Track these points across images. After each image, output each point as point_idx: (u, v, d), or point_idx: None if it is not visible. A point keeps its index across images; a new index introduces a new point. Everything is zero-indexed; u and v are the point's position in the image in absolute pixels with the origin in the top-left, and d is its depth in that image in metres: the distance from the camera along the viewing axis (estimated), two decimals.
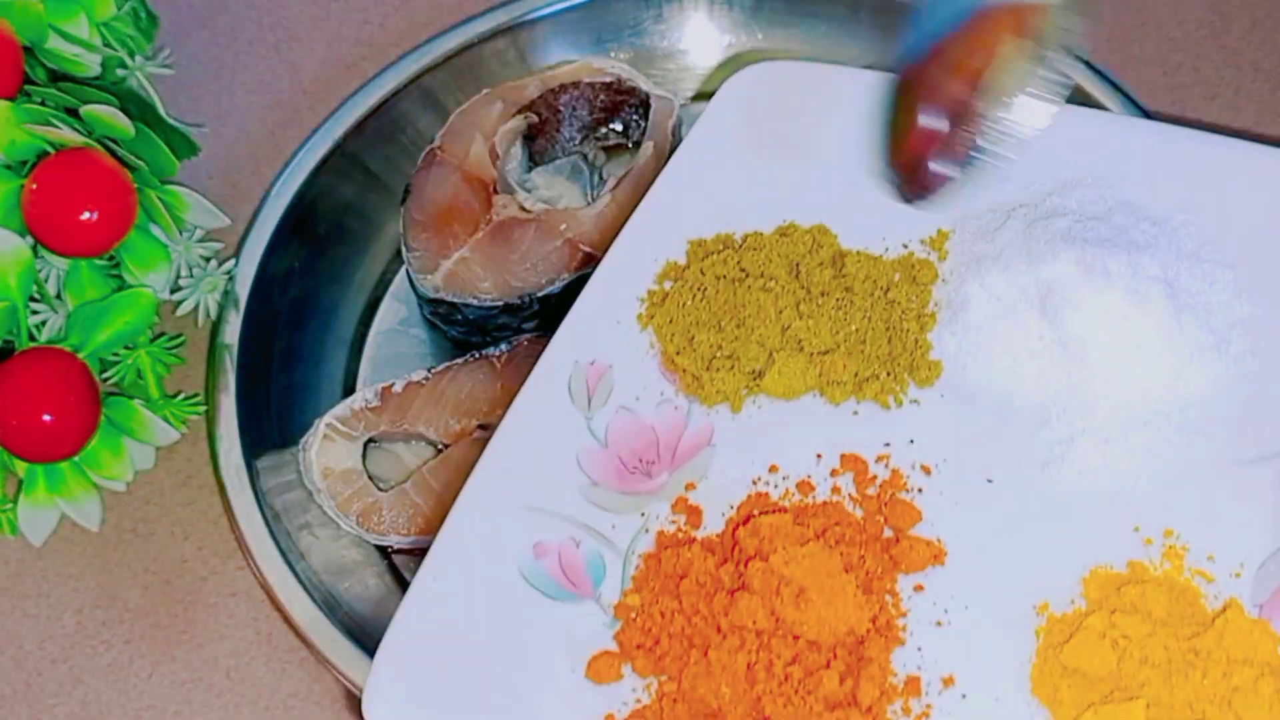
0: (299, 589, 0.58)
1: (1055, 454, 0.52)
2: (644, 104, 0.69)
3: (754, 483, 0.52)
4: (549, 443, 0.52)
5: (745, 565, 0.49)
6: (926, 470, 0.52)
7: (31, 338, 0.59)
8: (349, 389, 0.66)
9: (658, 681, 0.48)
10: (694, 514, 0.52)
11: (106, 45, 0.65)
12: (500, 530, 0.50)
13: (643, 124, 0.69)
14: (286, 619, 0.57)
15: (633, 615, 0.49)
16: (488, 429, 0.61)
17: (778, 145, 0.59)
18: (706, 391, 0.54)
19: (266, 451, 0.62)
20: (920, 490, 0.52)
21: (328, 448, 0.60)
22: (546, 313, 0.65)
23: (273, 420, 0.63)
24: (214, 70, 0.75)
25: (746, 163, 0.59)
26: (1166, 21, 0.74)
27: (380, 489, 0.60)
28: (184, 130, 0.66)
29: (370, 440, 0.62)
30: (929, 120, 0.54)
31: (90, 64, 0.63)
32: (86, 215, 0.58)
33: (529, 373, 0.54)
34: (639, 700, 0.48)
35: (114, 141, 0.61)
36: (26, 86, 0.61)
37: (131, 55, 0.66)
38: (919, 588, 0.50)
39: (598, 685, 0.48)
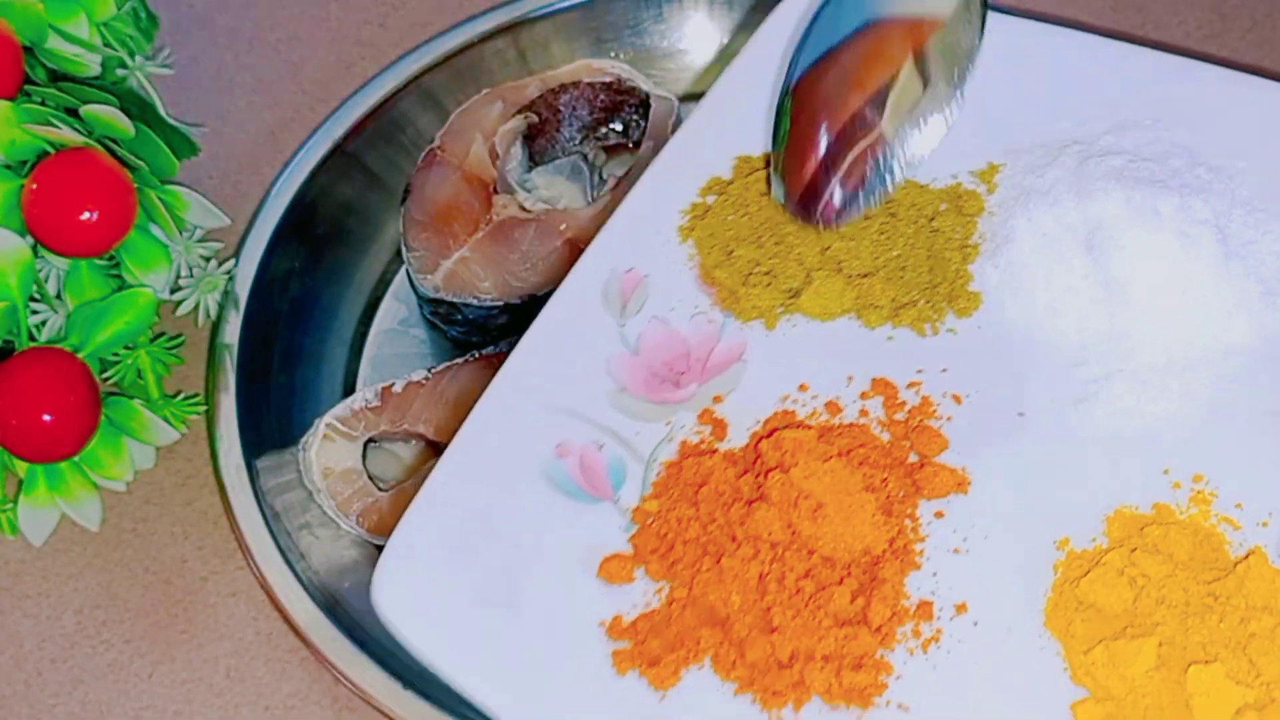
0: (299, 589, 0.58)
1: (1090, 392, 0.52)
2: (644, 104, 0.69)
3: (782, 400, 0.52)
4: (579, 346, 0.52)
5: (765, 477, 0.49)
6: (957, 399, 0.52)
7: (31, 338, 0.59)
8: (349, 389, 0.66)
9: (668, 586, 0.48)
10: (719, 426, 0.52)
11: (106, 45, 0.65)
12: (524, 428, 0.50)
13: (643, 124, 0.69)
14: (286, 619, 0.57)
15: (649, 520, 0.49)
16: None
17: None
18: (742, 306, 0.53)
19: (266, 451, 0.62)
20: (949, 419, 0.51)
21: (328, 448, 0.60)
22: None
23: (273, 420, 0.63)
24: (214, 70, 0.75)
25: None
26: (1167, 21, 0.74)
27: (380, 489, 0.60)
28: (184, 130, 0.65)
29: (370, 440, 0.62)
30: (825, 139, 0.54)
31: (90, 64, 0.63)
32: (86, 215, 0.58)
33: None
34: (649, 603, 0.48)
35: (114, 141, 0.61)
36: (26, 86, 0.60)
37: (131, 55, 0.66)
38: (940, 514, 0.50)
39: (609, 585, 0.48)
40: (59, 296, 0.60)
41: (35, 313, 0.59)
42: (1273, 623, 0.47)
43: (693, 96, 0.73)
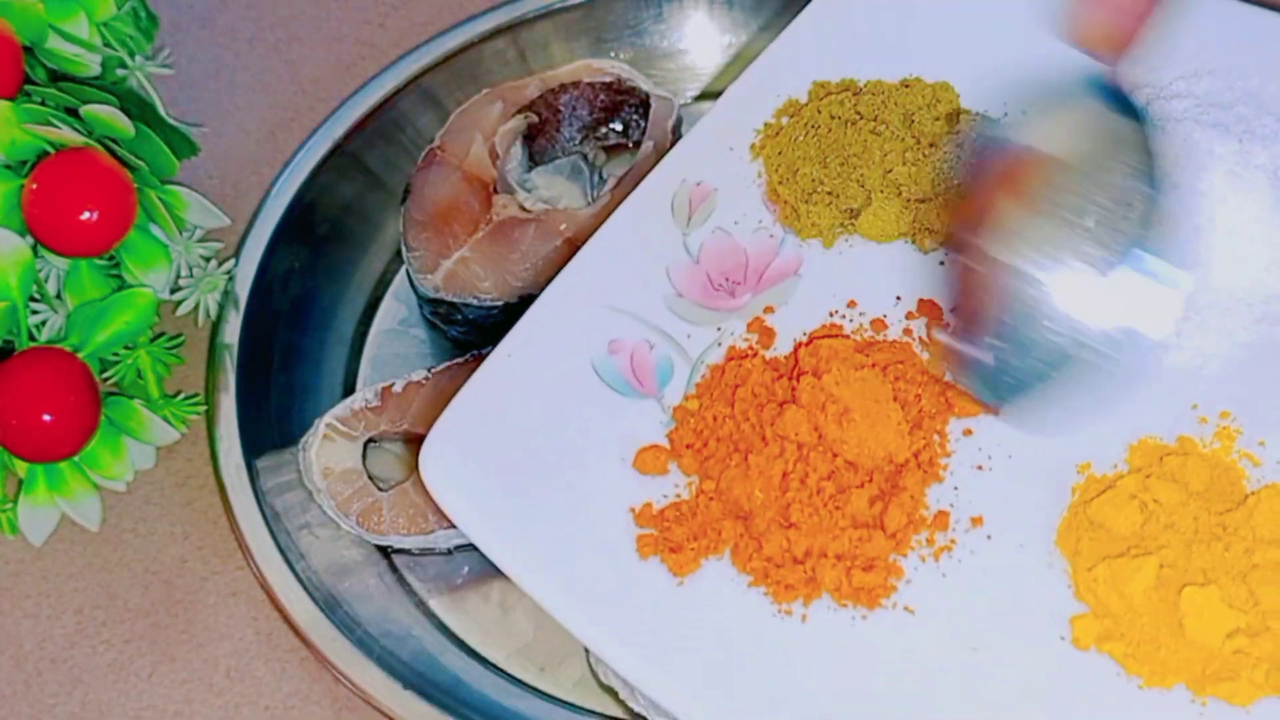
0: (299, 589, 0.58)
1: (1133, 330, 0.52)
2: (644, 104, 0.69)
3: (830, 314, 0.54)
4: (643, 251, 0.54)
5: (798, 380, 0.51)
6: None
7: (31, 338, 0.59)
8: (349, 389, 0.66)
9: (698, 480, 0.50)
10: (767, 334, 0.53)
11: (106, 45, 0.65)
12: (581, 322, 0.52)
13: (643, 124, 0.69)
14: (286, 619, 0.57)
15: (688, 418, 0.51)
16: None
17: (913, 2, 0.60)
18: (802, 223, 0.55)
19: (266, 451, 0.62)
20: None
21: (328, 448, 0.60)
22: None
23: (273, 420, 0.63)
24: (214, 70, 0.75)
25: (880, 16, 0.59)
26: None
27: (380, 489, 0.60)
28: (184, 130, 0.65)
29: (370, 440, 0.62)
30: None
31: (90, 64, 0.63)
32: (86, 215, 0.58)
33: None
34: (679, 495, 0.50)
35: (114, 141, 0.61)
36: (26, 86, 0.61)
37: (131, 55, 0.66)
38: (968, 431, 0.51)
39: (642, 475, 0.50)
40: (59, 296, 0.60)
41: (35, 313, 0.59)
42: (1278, 556, 0.48)
43: (706, 95, 0.73)
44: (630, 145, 0.71)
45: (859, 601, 0.48)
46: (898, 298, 0.54)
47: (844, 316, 0.54)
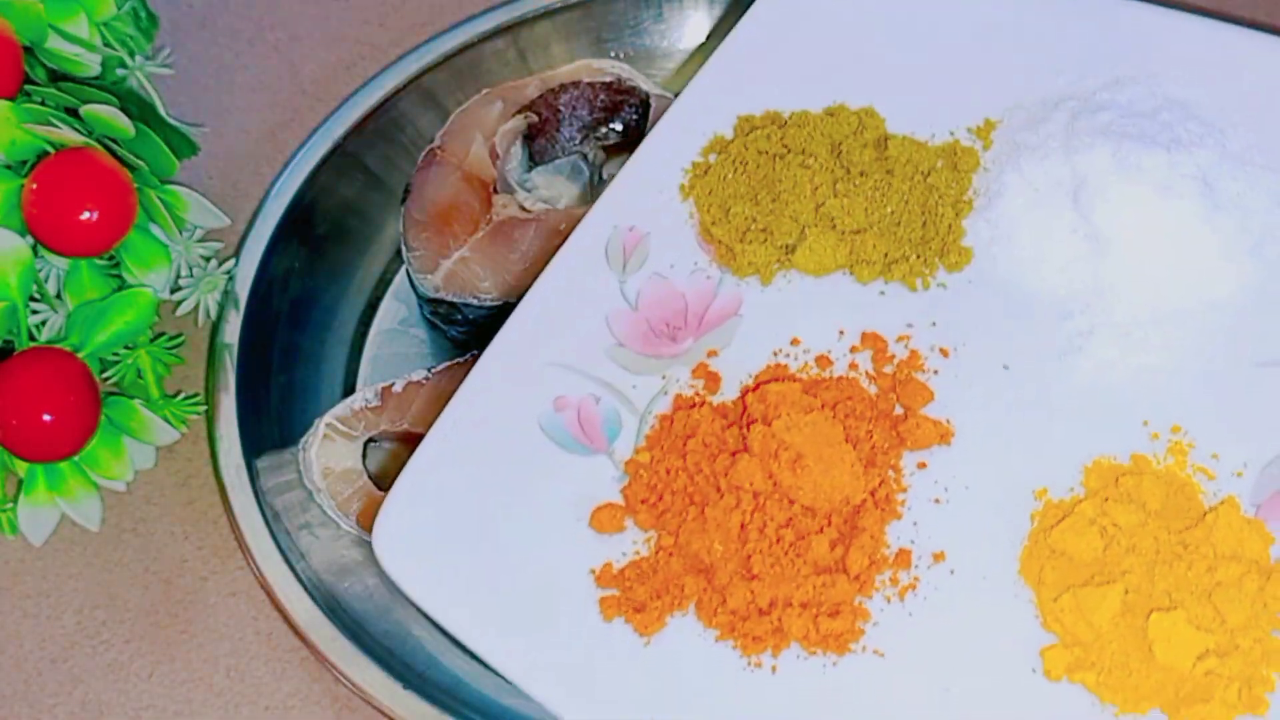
0: (299, 589, 0.58)
1: (1074, 345, 0.52)
2: (644, 104, 0.69)
3: (775, 354, 0.53)
4: (580, 302, 0.53)
5: (749, 428, 0.50)
6: (945, 353, 0.53)
7: (31, 338, 0.59)
8: (349, 389, 0.66)
9: (656, 535, 0.49)
10: (713, 380, 0.53)
11: (106, 45, 0.65)
12: (524, 382, 0.51)
13: (643, 124, 0.69)
14: (286, 619, 0.57)
15: (640, 471, 0.50)
16: None
17: (834, 29, 0.59)
18: (739, 263, 0.54)
19: (266, 451, 0.62)
20: (936, 372, 0.52)
21: (328, 447, 0.60)
22: None
23: (273, 420, 0.63)
24: (214, 70, 0.75)
25: (802, 45, 0.59)
26: None
27: (380, 489, 0.60)
28: (184, 130, 0.65)
29: (370, 440, 0.62)
30: None
31: (90, 64, 0.63)
32: (86, 215, 0.58)
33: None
34: (638, 552, 0.49)
35: (114, 141, 0.61)
36: (26, 86, 0.60)
37: (131, 55, 0.66)
38: (922, 465, 0.51)
39: (600, 535, 0.49)
40: (59, 296, 0.60)
41: (35, 313, 0.59)
42: (1239, 571, 0.48)
43: None
44: (630, 145, 0.71)
45: (828, 648, 0.48)
46: (841, 331, 0.54)
47: (788, 355, 0.53)
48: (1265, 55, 0.57)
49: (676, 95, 0.61)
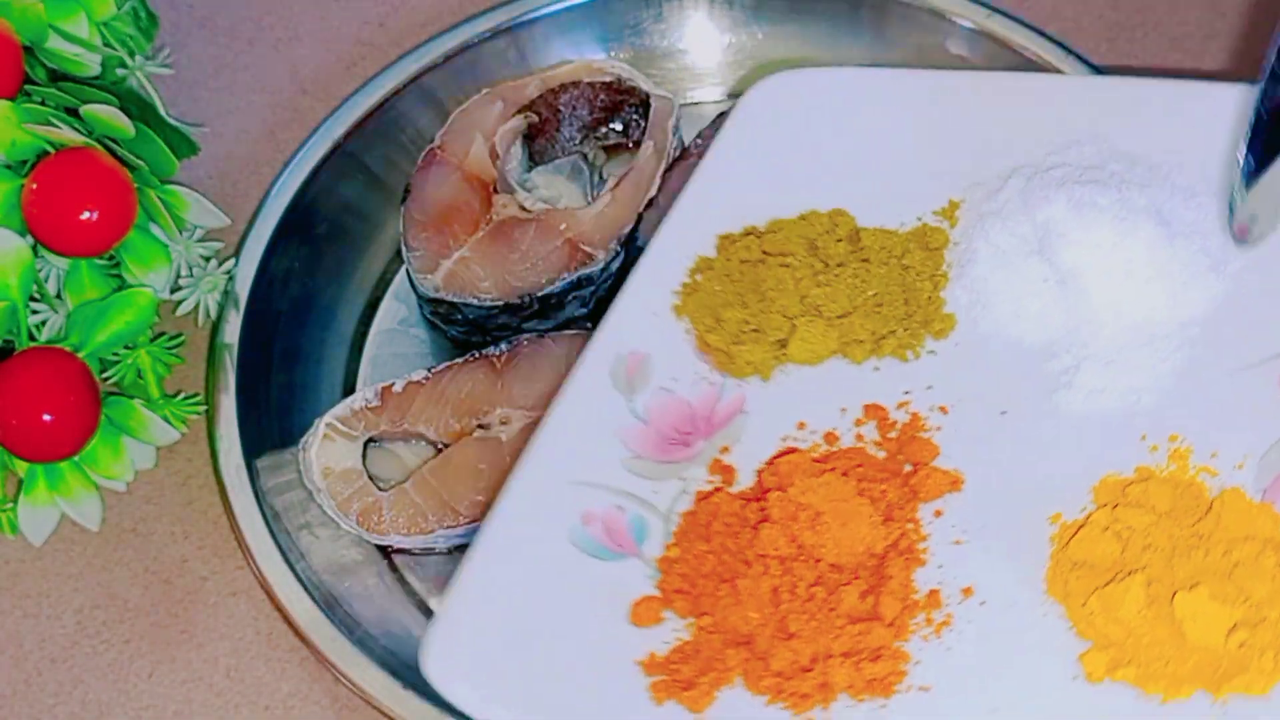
0: (299, 589, 0.58)
1: (1063, 381, 0.55)
2: (644, 104, 0.69)
3: (783, 440, 0.55)
4: (594, 424, 0.55)
5: (766, 499, 0.52)
6: (944, 410, 0.55)
7: (31, 338, 0.59)
8: (349, 389, 0.66)
9: (695, 619, 0.50)
10: (728, 473, 0.55)
11: (106, 45, 0.65)
12: (550, 503, 0.53)
13: (643, 124, 0.69)
14: (286, 619, 0.57)
15: (672, 565, 0.52)
16: (488, 428, 0.61)
17: (801, 146, 0.62)
18: (737, 364, 0.57)
19: (266, 451, 0.62)
20: (939, 429, 0.55)
21: (328, 447, 0.60)
22: (546, 312, 0.65)
23: (273, 420, 0.63)
24: (214, 70, 0.75)
25: (771, 164, 0.62)
26: (1166, 20, 0.74)
27: (380, 489, 0.60)
28: (184, 130, 0.66)
29: (370, 440, 0.62)
30: None
31: (90, 64, 0.63)
32: (86, 215, 0.58)
33: (574, 364, 0.56)
34: (679, 637, 0.50)
35: (114, 141, 0.61)
36: (26, 86, 0.61)
37: (131, 55, 0.66)
38: (939, 513, 0.53)
39: (640, 629, 0.50)
40: (59, 296, 0.60)
41: (35, 313, 0.59)
42: (1255, 549, 0.49)
43: (706, 95, 0.74)
44: (630, 145, 0.71)
45: (874, 692, 0.49)
46: (843, 409, 0.56)
47: (796, 439, 0.55)
48: (1196, 99, 0.60)
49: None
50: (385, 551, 0.61)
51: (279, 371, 0.65)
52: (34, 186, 0.58)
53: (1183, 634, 0.48)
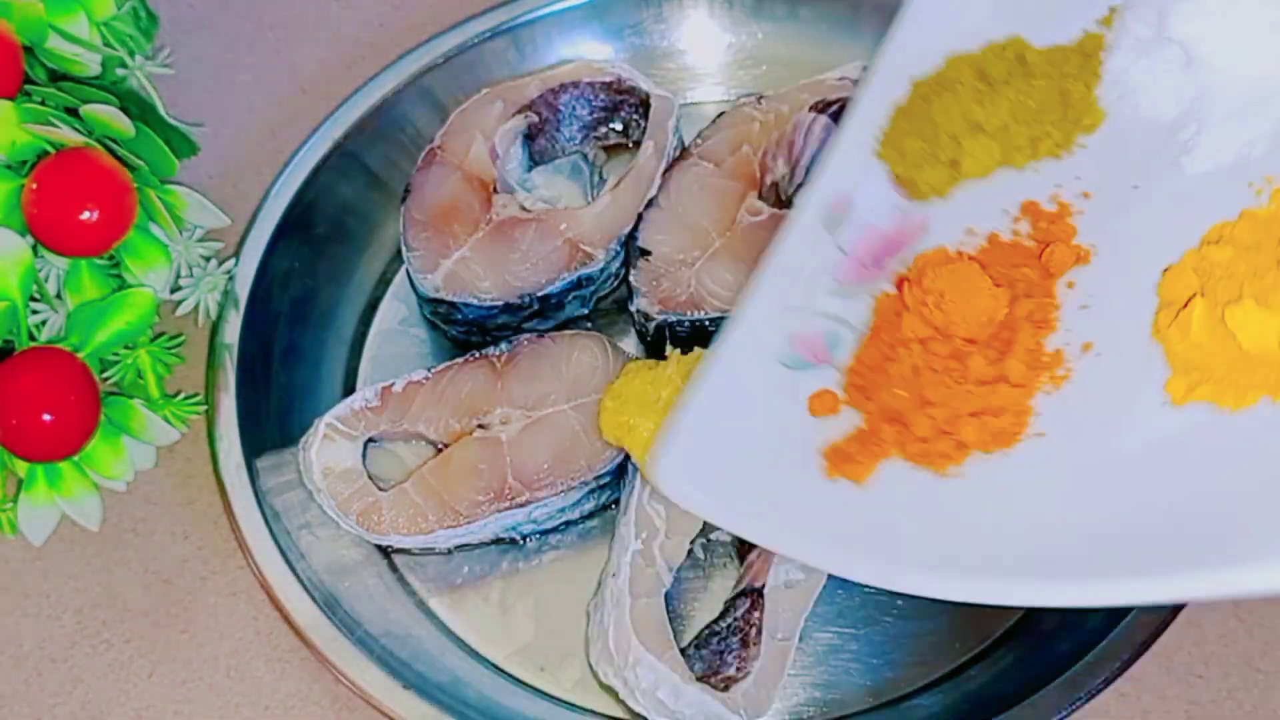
0: (299, 589, 0.58)
1: (1187, 147, 0.60)
2: (644, 103, 0.69)
3: (953, 246, 0.61)
4: (806, 260, 0.60)
5: (903, 289, 0.59)
6: (1087, 195, 0.61)
7: (31, 338, 0.59)
8: (349, 389, 0.66)
9: (863, 408, 0.57)
10: (906, 284, 0.60)
11: (106, 45, 0.65)
12: (766, 328, 0.59)
13: (643, 123, 0.69)
14: (286, 619, 0.57)
15: (854, 364, 0.58)
16: (487, 428, 0.61)
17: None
18: (920, 189, 0.62)
19: (266, 451, 0.62)
20: (1081, 212, 0.60)
21: (328, 447, 0.60)
22: (546, 312, 0.65)
23: (273, 420, 0.63)
24: (214, 70, 0.75)
25: (951, 10, 0.66)
26: None
27: (380, 489, 0.60)
28: (184, 130, 0.65)
29: (370, 440, 0.62)
30: None
31: (90, 64, 0.63)
32: (86, 215, 0.58)
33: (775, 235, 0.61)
34: (854, 424, 0.56)
35: (114, 141, 0.61)
36: (26, 86, 0.60)
37: (131, 55, 0.66)
38: (1070, 284, 0.59)
39: (821, 419, 0.57)
40: (59, 296, 0.60)
41: (35, 313, 0.59)
42: None
43: (706, 95, 0.74)
44: (630, 145, 0.71)
45: (999, 444, 0.55)
46: (1005, 210, 0.61)
47: (963, 244, 0.60)
48: None
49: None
50: (385, 551, 0.61)
51: (279, 371, 0.65)
52: (34, 186, 0.58)
53: (1239, 346, 0.53)
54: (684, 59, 0.74)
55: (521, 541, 0.61)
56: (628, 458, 0.60)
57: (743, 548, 0.60)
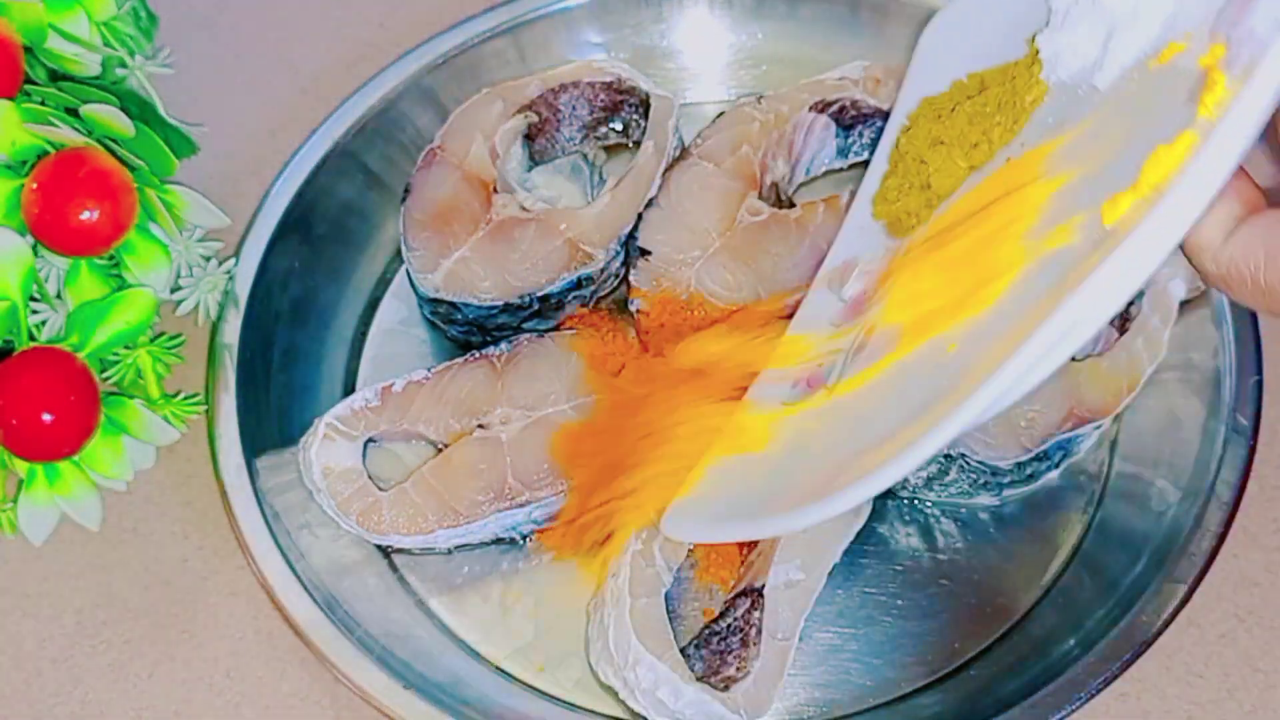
0: (299, 589, 0.58)
1: (1099, 65, 0.56)
2: (644, 103, 0.69)
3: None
4: (814, 316, 0.62)
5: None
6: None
7: (31, 338, 0.59)
8: (349, 389, 0.66)
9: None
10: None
11: (106, 45, 0.65)
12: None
13: (643, 123, 0.69)
14: (286, 619, 0.57)
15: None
16: (487, 428, 0.61)
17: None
18: (905, 222, 0.61)
19: (266, 451, 0.62)
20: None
21: (328, 447, 0.60)
22: (546, 312, 0.65)
23: (273, 420, 0.63)
24: (214, 70, 0.75)
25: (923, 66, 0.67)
26: None
27: (380, 489, 0.60)
28: (184, 130, 0.65)
29: (370, 440, 0.62)
30: None
31: (90, 63, 0.63)
32: (86, 215, 0.58)
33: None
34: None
35: (114, 141, 0.61)
36: (26, 86, 0.61)
37: (131, 55, 0.66)
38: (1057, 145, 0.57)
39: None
40: (59, 296, 0.60)
41: (35, 313, 0.59)
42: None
43: (706, 95, 0.74)
44: (630, 145, 0.71)
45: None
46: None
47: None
48: None
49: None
50: (385, 551, 0.61)
51: (279, 371, 0.65)
52: (34, 186, 0.58)
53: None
54: (684, 59, 0.74)
55: (521, 541, 0.61)
56: None
57: (743, 548, 0.60)
